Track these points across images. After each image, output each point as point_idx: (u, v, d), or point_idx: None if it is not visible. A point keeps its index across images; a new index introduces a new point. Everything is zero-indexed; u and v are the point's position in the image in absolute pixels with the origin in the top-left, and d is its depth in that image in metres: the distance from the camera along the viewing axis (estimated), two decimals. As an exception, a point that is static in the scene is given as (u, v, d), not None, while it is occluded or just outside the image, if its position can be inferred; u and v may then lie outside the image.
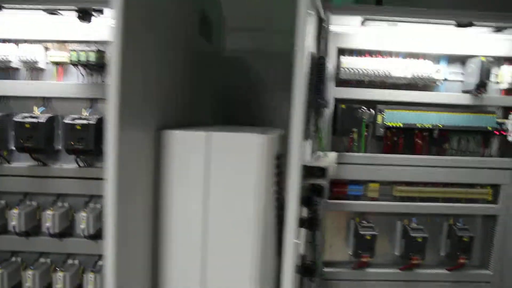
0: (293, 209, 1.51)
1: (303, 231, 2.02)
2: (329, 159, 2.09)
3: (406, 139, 2.78)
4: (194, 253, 1.53)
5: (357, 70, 2.67)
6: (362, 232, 2.73)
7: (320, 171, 1.70)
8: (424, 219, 2.90)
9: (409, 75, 2.68)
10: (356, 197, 2.83)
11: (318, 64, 1.81)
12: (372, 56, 2.71)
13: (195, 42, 2.02)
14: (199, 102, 2.23)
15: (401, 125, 2.71)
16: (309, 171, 1.71)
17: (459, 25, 2.39)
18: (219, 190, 1.49)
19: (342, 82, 2.74)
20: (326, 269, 2.84)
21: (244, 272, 1.51)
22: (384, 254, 2.91)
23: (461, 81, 2.81)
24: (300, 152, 1.52)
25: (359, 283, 2.85)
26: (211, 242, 1.51)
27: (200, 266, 1.52)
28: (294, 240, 1.55)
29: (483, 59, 2.63)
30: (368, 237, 2.71)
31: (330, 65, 1.81)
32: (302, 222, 2.00)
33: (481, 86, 2.65)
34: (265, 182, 1.49)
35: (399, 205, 2.80)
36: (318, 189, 2.13)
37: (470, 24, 2.38)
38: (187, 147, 1.50)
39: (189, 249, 1.53)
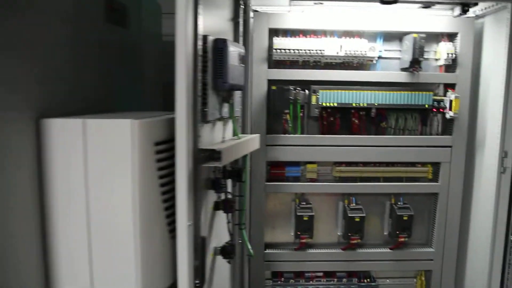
0: (182, 193, 1.51)
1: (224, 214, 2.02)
2: (242, 141, 2.07)
3: (343, 119, 2.76)
4: (80, 245, 1.53)
5: (290, 50, 2.63)
6: (299, 214, 2.73)
7: (216, 154, 1.69)
8: (367, 199, 2.89)
9: (342, 54, 2.63)
10: (296, 179, 2.81)
11: (215, 47, 1.79)
12: (306, 36, 2.67)
13: (101, 28, 2.00)
14: (123, 89, 2.23)
15: (336, 105, 2.67)
16: (206, 155, 1.70)
17: (383, 1, 2.34)
18: (97, 180, 1.49)
19: (277, 63, 2.70)
20: (268, 251, 2.84)
21: (127, 260, 1.52)
22: (327, 234, 2.92)
23: (399, 59, 2.76)
24: (189, 136, 1.52)
25: (302, 263, 2.85)
26: (94, 233, 1.52)
27: (87, 258, 1.53)
28: (186, 223, 1.55)
29: (415, 35, 2.59)
30: (306, 218, 2.71)
31: (233, 48, 1.78)
32: (217, 205, 2.02)
33: (415, 63, 2.62)
34: (144, 168, 1.49)
35: (339, 185, 2.79)
36: (236, 172, 2.15)
37: (394, 1, 2.33)
38: (66, 136, 1.50)
39: (74, 242, 1.53)
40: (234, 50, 1.90)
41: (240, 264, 2.51)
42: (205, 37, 1.66)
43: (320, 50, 2.63)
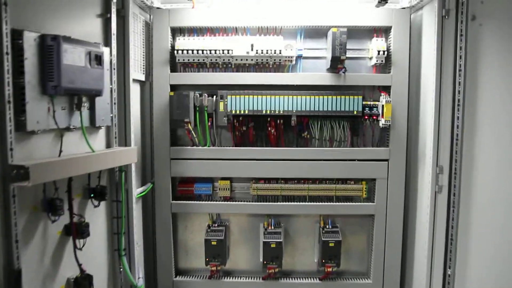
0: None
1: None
2: (87, 155, 1.75)
3: (258, 129, 2.40)
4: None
5: (194, 51, 2.30)
6: (209, 238, 2.38)
7: (23, 171, 1.38)
8: (293, 220, 2.51)
9: (253, 54, 2.28)
10: (208, 197, 2.46)
11: (42, 45, 1.50)
12: (215, 35, 2.34)
13: None
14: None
15: (247, 113, 2.31)
16: (15, 172, 1.39)
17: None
18: None
19: (184, 66, 2.38)
20: (179, 278, 2.50)
21: None
22: (245, 261, 2.55)
23: (325, 58, 2.38)
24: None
25: (216, 295, 2.48)
26: None
27: None
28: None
29: (335, 30, 2.21)
30: (214, 243, 2.35)
31: (72, 46, 1.48)
32: (67, 230, 1.72)
33: (337, 62, 2.23)
34: None
35: (256, 205, 2.42)
36: (99, 190, 1.84)
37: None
38: None
39: None
40: (75, 49, 1.60)
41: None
42: (18, 32, 1.40)
43: (227, 50, 2.28)
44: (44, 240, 1.57)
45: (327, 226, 2.43)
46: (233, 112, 2.32)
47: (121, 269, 2.09)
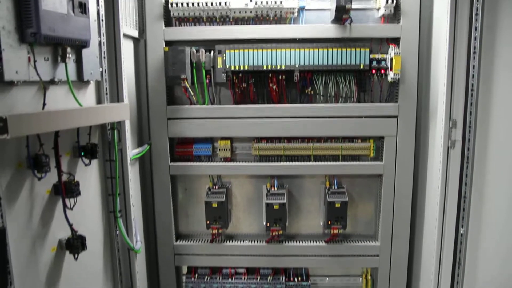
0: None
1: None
2: (73, 109, 1.63)
3: (259, 86, 2.26)
4: None
5: (189, 5, 2.16)
6: (209, 200, 2.28)
7: (1, 122, 1.27)
8: (297, 182, 2.40)
9: (251, 6, 2.13)
10: (207, 158, 2.35)
11: None
12: (209, -14, 2.19)
13: None
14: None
15: (247, 68, 2.17)
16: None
17: None
18: None
19: (179, 21, 2.25)
20: (179, 242, 2.42)
21: None
22: (248, 224, 2.46)
23: (329, 10, 2.22)
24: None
25: (218, 257, 2.40)
26: None
27: None
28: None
29: (337, -23, 2.04)
30: (215, 205, 2.26)
31: None
32: (56, 189, 1.63)
33: (341, 12, 2.07)
34: None
35: (259, 166, 2.31)
36: (89, 148, 1.74)
37: None
38: None
39: None
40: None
41: (123, 259, 2.09)
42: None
43: (225, 2, 2.14)
44: (31, 199, 1.48)
45: (333, 187, 2.32)
46: (232, 68, 2.18)
47: (117, 232, 2.00)
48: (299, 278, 2.42)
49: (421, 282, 2.28)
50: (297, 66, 2.17)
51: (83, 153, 1.76)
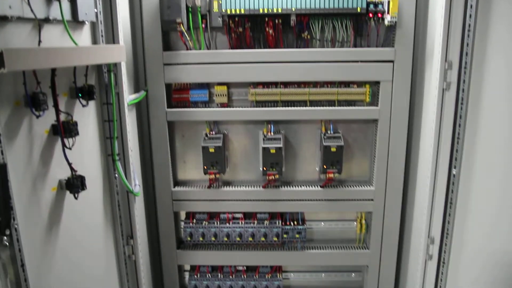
0: None
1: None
2: (69, 48, 1.62)
3: (255, 30, 2.24)
4: None
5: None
6: (206, 145, 2.30)
7: None
8: (293, 127, 2.41)
9: None
10: (204, 104, 2.36)
11: None
12: None
13: None
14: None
15: (244, 12, 2.14)
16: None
17: None
18: None
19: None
20: (177, 189, 2.46)
21: None
22: (244, 169, 2.49)
23: None
24: None
25: (215, 203, 2.44)
26: None
27: None
28: None
29: None
30: (211, 150, 2.28)
31: None
32: (55, 129, 1.64)
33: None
34: None
35: (255, 111, 2.32)
36: (86, 89, 1.73)
37: None
38: None
39: None
40: None
41: (123, 203, 2.12)
42: None
43: None
44: (30, 139, 1.49)
45: (329, 132, 2.35)
46: (228, 12, 2.16)
47: (116, 175, 2.02)
48: (295, 223, 2.47)
49: (414, 223, 2.34)
50: (293, 9, 2.15)
51: (80, 95, 1.75)
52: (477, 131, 1.90)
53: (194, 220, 2.46)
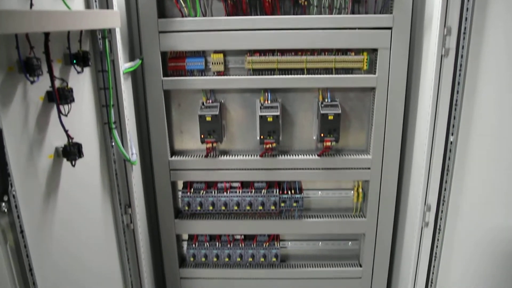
0: None
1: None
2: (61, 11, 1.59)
3: (252, -4, 2.20)
4: None
5: None
6: (203, 113, 2.28)
7: None
8: (291, 96, 2.40)
9: None
10: (200, 73, 2.33)
11: None
12: None
13: None
14: None
15: (240, -23, 2.10)
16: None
17: None
18: None
19: None
20: (174, 158, 2.45)
21: None
22: (241, 138, 2.49)
23: None
24: None
25: (212, 172, 2.44)
26: None
27: None
28: None
29: None
30: (208, 118, 2.26)
31: None
32: (50, 96, 1.62)
33: None
34: None
35: (251, 79, 2.30)
36: (80, 55, 1.71)
37: None
38: None
39: None
40: None
41: (120, 171, 2.12)
42: None
43: None
44: (26, 105, 1.47)
45: (326, 100, 2.33)
46: (224, -24, 2.11)
47: (113, 143, 2.01)
48: (293, 192, 2.48)
49: (411, 191, 2.36)
50: (291, -26, 2.10)
51: (75, 61, 1.73)
52: (475, 97, 1.89)
53: (192, 190, 2.47)
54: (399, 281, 2.68)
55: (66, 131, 1.62)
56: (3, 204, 1.36)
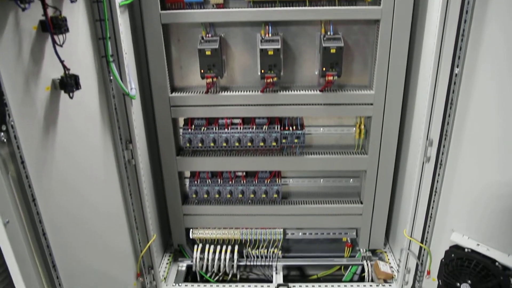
0: None
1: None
2: None
3: None
4: None
5: None
6: (202, 47, 2.23)
7: None
8: (293, 30, 2.33)
9: None
10: (200, 5, 2.26)
11: None
12: None
13: None
14: None
15: None
16: None
17: None
18: None
19: None
20: (174, 94, 2.42)
21: None
22: (242, 73, 2.44)
23: None
24: None
25: (213, 108, 2.42)
26: None
27: None
28: None
29: None
30: (208, 52, 2.21)
31: None
32: (43, 25, 1.57)
33: None
34: None
35: (251, 11, 2.22)
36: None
37: None
38: None
39: None
40: None
41: (119, 106, 2.10)
42: None
43: None
44: (18, 34, 1.43)
45: (328, 33, 2.26)
46: None
47: (111, 77, 1.98)
48: (294, 128, 2.46)
49: (414, 127, 2.34)
50: None
51: (67, -11, 1.66)
52: (483, 28, 1.82)
53: (193, 126, 2.46)
54: (399, 217, 2.72)
55: (61, 62, 1.59)
56: (2, 134, 1.36)
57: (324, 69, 2.23)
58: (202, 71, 2.26)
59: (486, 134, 1.87)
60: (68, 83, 1.64)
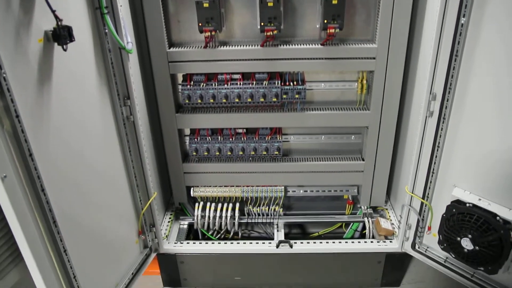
0: None
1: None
2: None
3: None
4: None
5: None
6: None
7: None
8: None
9: None
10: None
11: None
12: None
13: None
14: None
15: None
16: None
17: None
18: None
19: None
20: (172, 49, 2.36)
21: None
22: (241, 26, 2.37)
23: None
24: None
25: (212, 63, 2.37)
26: None
27: None
28: None
29: None
30: (206, 5, 2.15)
31: None
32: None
33: None
34: None
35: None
36: None
37: None
38: None
39: None
40: None
41: (116, 60, 2.04)
42: None
43: None
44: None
45: (330, -16, 2.17)
46: None
47: (106, 30, 1.92)
48: (295, 83, 2.41)
49: (417, 81, 2.29)
50: None
51: None
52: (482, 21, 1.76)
53: (192, 82, 2.41)
54: (400, 174, 2.70)
55: (53, 11, 1.53)
56: (-5, 86, 1.32)
57: (325, 21, 2.16)
58: (200, 24, 2.19)
59: (491, 87, 1.82)
60: (61, 34, 1.59)
